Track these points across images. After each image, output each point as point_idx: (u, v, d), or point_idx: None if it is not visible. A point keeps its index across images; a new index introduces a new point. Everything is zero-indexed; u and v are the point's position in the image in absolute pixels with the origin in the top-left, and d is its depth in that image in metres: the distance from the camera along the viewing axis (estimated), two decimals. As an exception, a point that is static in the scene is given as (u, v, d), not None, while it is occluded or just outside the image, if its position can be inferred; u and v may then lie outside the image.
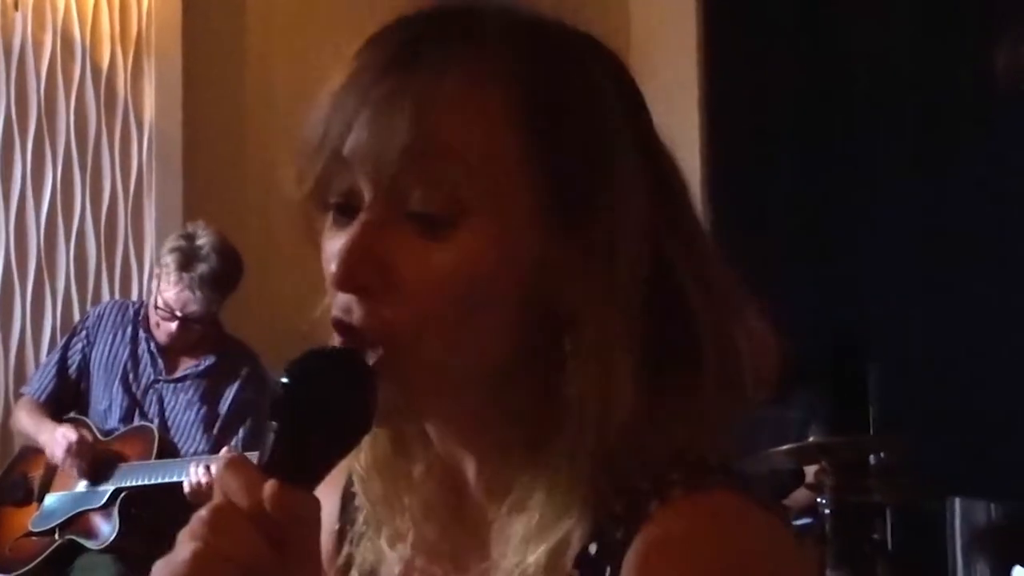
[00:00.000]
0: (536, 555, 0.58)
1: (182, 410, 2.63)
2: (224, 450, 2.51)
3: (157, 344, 2.65)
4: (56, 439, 2.53)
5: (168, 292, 2.56)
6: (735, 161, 3.19)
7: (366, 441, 0.64)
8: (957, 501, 2.92)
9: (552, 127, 0.59)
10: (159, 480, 2.48)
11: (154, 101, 3.10)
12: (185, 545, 0.54)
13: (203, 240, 2.56)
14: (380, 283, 0.58)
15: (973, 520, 2.93)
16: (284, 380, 0.56)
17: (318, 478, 0.56)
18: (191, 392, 2.63)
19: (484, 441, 0.63)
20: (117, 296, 3.04)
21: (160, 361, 2.65)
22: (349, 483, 0.69)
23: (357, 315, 0.58)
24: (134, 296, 3.04)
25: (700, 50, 3.29)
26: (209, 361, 2.64)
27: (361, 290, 0.58)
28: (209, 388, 2.62)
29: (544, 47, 0.61)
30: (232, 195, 3.11)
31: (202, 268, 2.53)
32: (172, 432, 2.62)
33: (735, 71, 3.23)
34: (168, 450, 2.57)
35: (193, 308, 2.55)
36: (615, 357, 0.58)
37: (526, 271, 0.59)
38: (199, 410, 2.61)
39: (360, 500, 0.68)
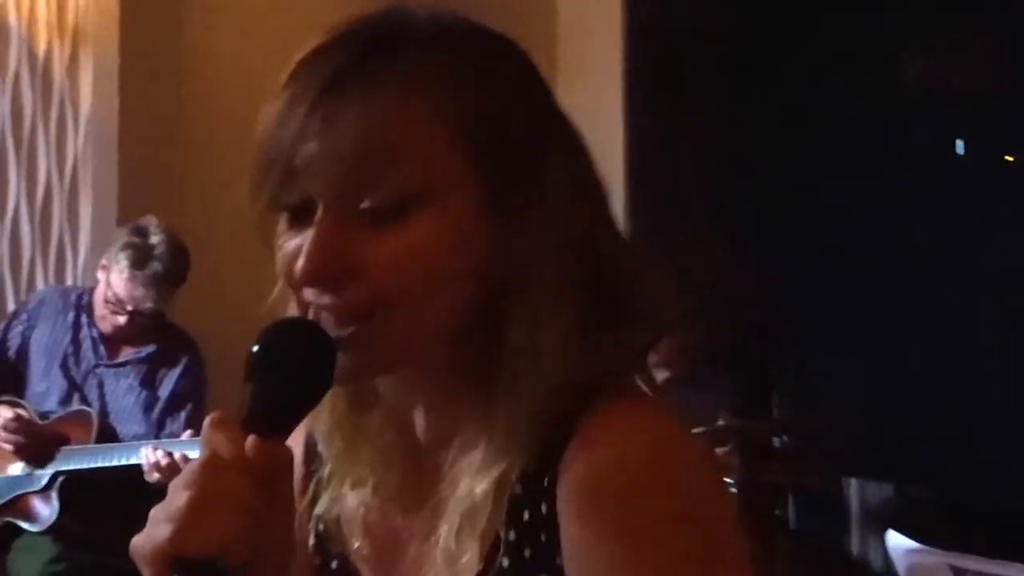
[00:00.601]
0: (483, 486, 0.66)
1: (122, 394, 2.67)
2: (190, 433, 2.56)
3: (99, 331, 2.69)
4: None
5: (120, 287, 2.59)
6: (655, 157, 3.36)
7: (326, 401, 0.70)
8: (853, 481, 3.14)
9: (484, 126, 0.65)
10: (101, 464, 2.53)
11: (91, 90, 3.10)
12: (180, 493, 0.60)
13: (156, 238, 2.59)
14: (343, 273, 0.64)
15: (868, 499, 3.15)
16: (256, 347, 0.64)
17: (289, 429, 0.64)
18: (132, 377, 2.67)
19: (433, 393, 0.70)
20: (52, 283, 3.07)
21: (102, 347, 2.68)
22: (310, 434, 0.76)
23: (325, 300, 0.65)
24: (68, 284, 3.08)
25: (625, 45, 3.43)
26: (150, 349, 2.68)
27: (327, 281, 0.65)
28: (149, 373, 2.66)
29: (472, 54, 0.67)
30: (168, 185, 3.15)
31: (156, 266, 2.56)
32: (111, 416, 2.65)
33: (657, 72, 3.39)
34: (108, 434, 2.61)
35: (146, 305, 2.59)
36: (548, 320, 0.65)
37: (472, 249, 0.65)
38: (139, 395, 2.66)
39: (323, 453, 0.74)
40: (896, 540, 1.63)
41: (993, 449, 2.86)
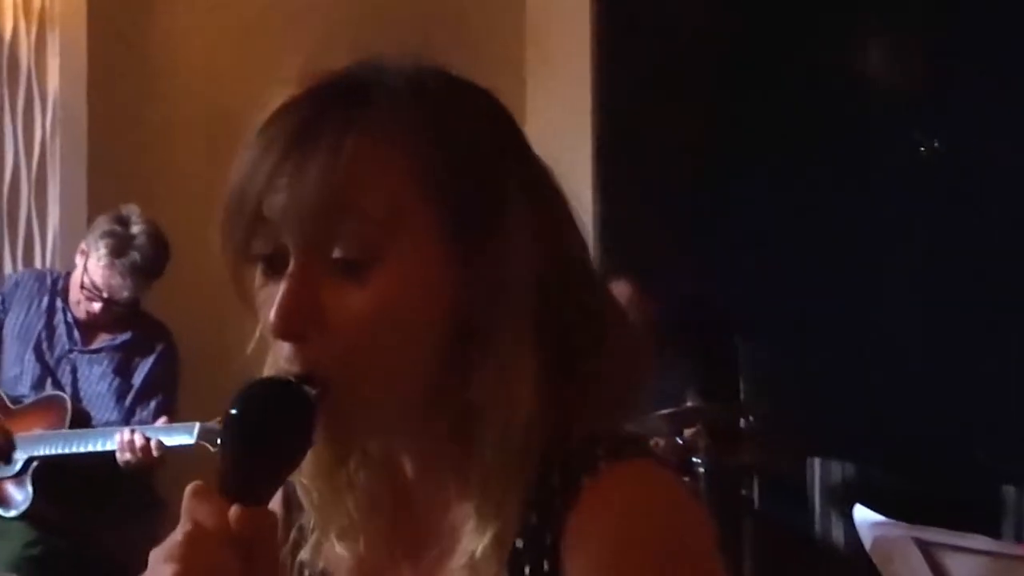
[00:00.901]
0: (484, 542, 0.65)
1: (95, 381, 2.67)
2: (164, 420, 2.56)
3: (74, 316, 2.68)
4: None
5: (96, 274, 2.58)
6: (622, 147, 3.40)
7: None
8: (816, 461, 3.23)
9: (446, 175, 0.66)
10: (74, 450, 2.52)
11: (58, 73, 3.07)
12: (163, 567, 0.59)
13: (137, 228, 2.59)
14: (312, 328, 0.65)
15: (829, 478, 3.24)
16: (233, 411, 0.63)
17: (271, 494, 0.64)
18: (105, 364, 2.66)
19: (417, 447, 0.70)
20: (20, 268, 3.05)
21: (76, 333, 2.67)
22: (288, 481, 0.74)
23: (298, 361, 0.65)
24: (37, 268, 3.05)
25: (593, 35, 3.46)
26: (125, 336, 2.68)
27: (296, 337, 0.65)
28: (123, 361, 2.66)
29: (439, 107, 0.68)
30: (138, 168, 3.13)
31: (134, 256, 2.56)
32: (84, 403, 2.65)
33: (626, 60, 3.43)
34: (82, 419, 2.61)
35: (122, 294, 2.59)
36: (514, 360, 0.66)
37: (437, 299, 0.66)
38: (112, 382, 2.66)
39: (305, 504, 0.73)
40: (862, 514, 1.68)
41: (952, 428, 2.95)
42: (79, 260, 2.65)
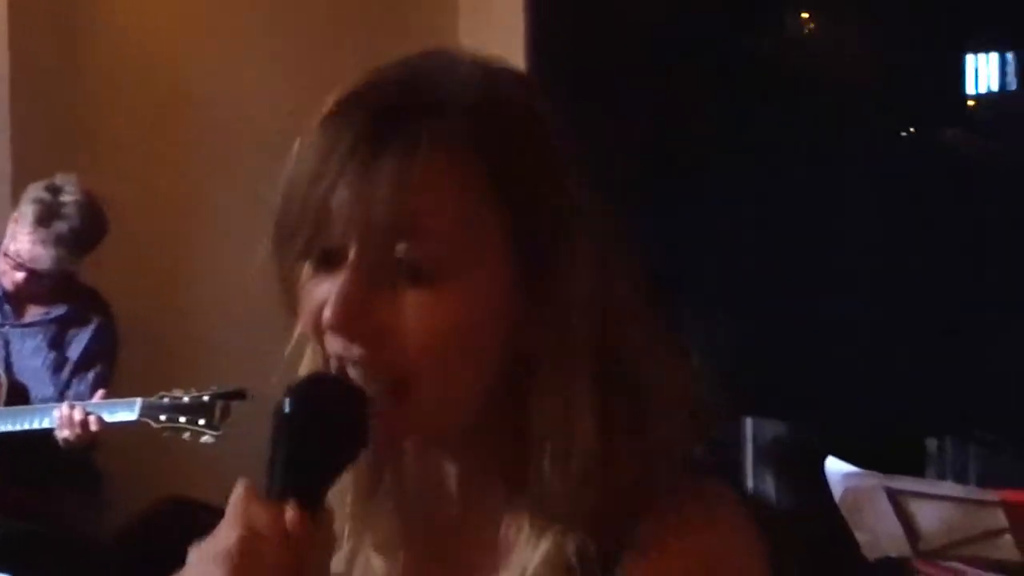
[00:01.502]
0: (536, 559, 0.63)
1: (28, 355, 2.60)
2: (101, 394, 2.49)
3: (4, 289, 2.60)
4: None
5: (21, 242, 2.50)
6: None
7: None
8: (748, 420, 3.32)
9: (515, 191, 0.64)
10: (9, 428, 2.45)
11: (-21, 34, 2.96)
12: (213, 569, 0.58)
13: (68, 197, 2.49)
14: (371, 329, 0.62)
15: (762, 437, 3.34)
16: (287, 408, 0.60)
17: (324, 495, 0.61)
18: (39, 338, 2.60)
19: (463, 460, 0.68)
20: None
21: (7, 306, 2.60)
22: None
23: (355, 352, 0.63)
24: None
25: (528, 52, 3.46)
26: (60, 311, 2.61)
27: (355, 335, 0.62)
28: (58, 334, 2.60)
29: (513, 116, 0.65)
30: (67, 134, 3.03)
31: (60, 226, 2.47)
32: (17, 378, 2.59)
33: (560, 30, 3.43)
34: (18, 394, 2.55)
35: (44, 265, 2.50)
36: (573, 392, 0.64)
37: (498, 319, 0.64)
38: (46, 356, 2.59)
39: (337, 512, 0.68)
40: (834, 465, 1.72)
41: (880, 386, 3.08)
42: (11, 227, 2.56)
